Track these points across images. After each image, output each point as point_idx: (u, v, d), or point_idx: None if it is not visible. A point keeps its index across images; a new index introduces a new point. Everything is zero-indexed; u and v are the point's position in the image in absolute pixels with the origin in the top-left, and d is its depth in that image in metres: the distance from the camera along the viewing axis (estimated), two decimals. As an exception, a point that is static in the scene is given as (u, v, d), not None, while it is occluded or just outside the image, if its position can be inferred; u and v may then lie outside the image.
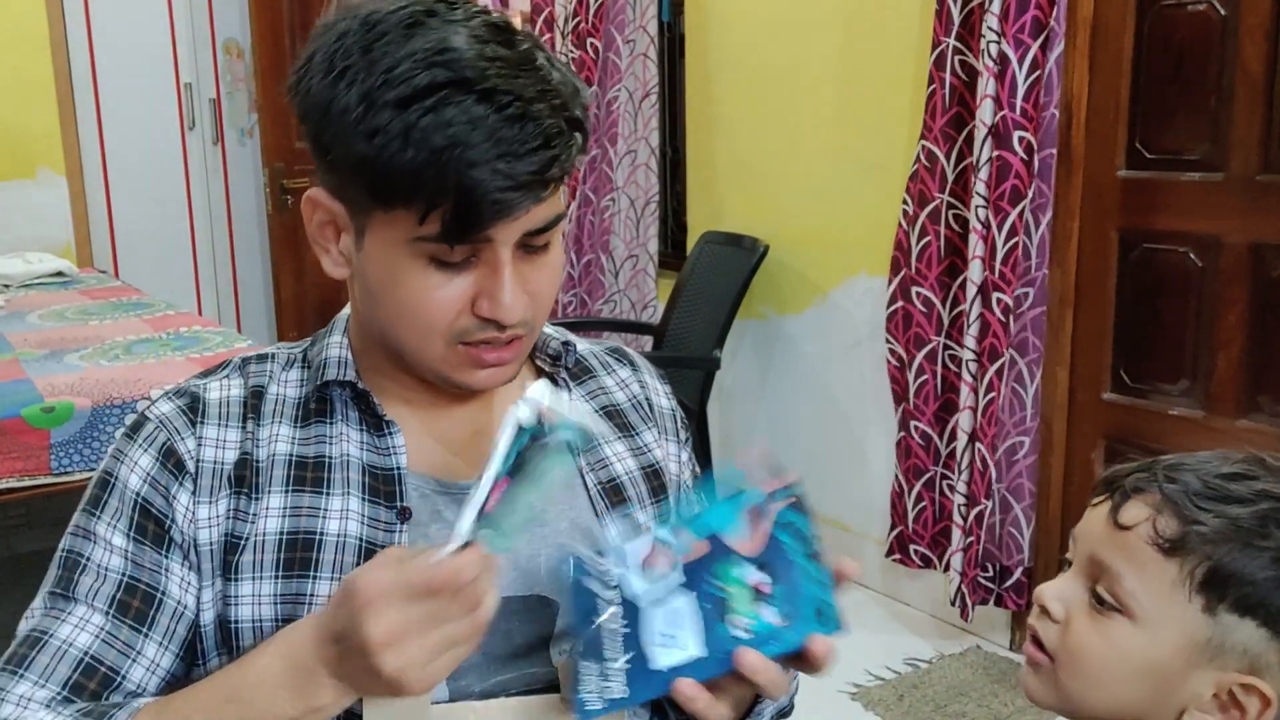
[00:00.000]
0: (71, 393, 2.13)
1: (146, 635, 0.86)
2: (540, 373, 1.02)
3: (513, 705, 0.87)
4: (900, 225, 2.73)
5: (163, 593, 0.87)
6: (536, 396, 0.75)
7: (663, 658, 0.76)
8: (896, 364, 2.79)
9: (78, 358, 2.43)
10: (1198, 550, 0.80)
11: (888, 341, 2.80)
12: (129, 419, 0.96)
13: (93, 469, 2.08)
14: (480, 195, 0.77)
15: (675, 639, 0.76)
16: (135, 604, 0.86)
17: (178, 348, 2.53)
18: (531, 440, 0.75)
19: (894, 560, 2.87)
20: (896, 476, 2.85)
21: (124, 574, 0.87)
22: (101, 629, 0.85)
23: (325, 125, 0.81)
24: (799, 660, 0.79)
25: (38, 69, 4.15)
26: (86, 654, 0.84)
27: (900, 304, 2.76)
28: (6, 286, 3.54)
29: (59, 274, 3.70)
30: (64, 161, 4.24)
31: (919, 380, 2.74)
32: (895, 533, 2.86)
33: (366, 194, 0.81)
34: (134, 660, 0.85)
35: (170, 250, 4.75)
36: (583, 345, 1.06)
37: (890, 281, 2.77)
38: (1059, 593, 0.87)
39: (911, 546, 2.82)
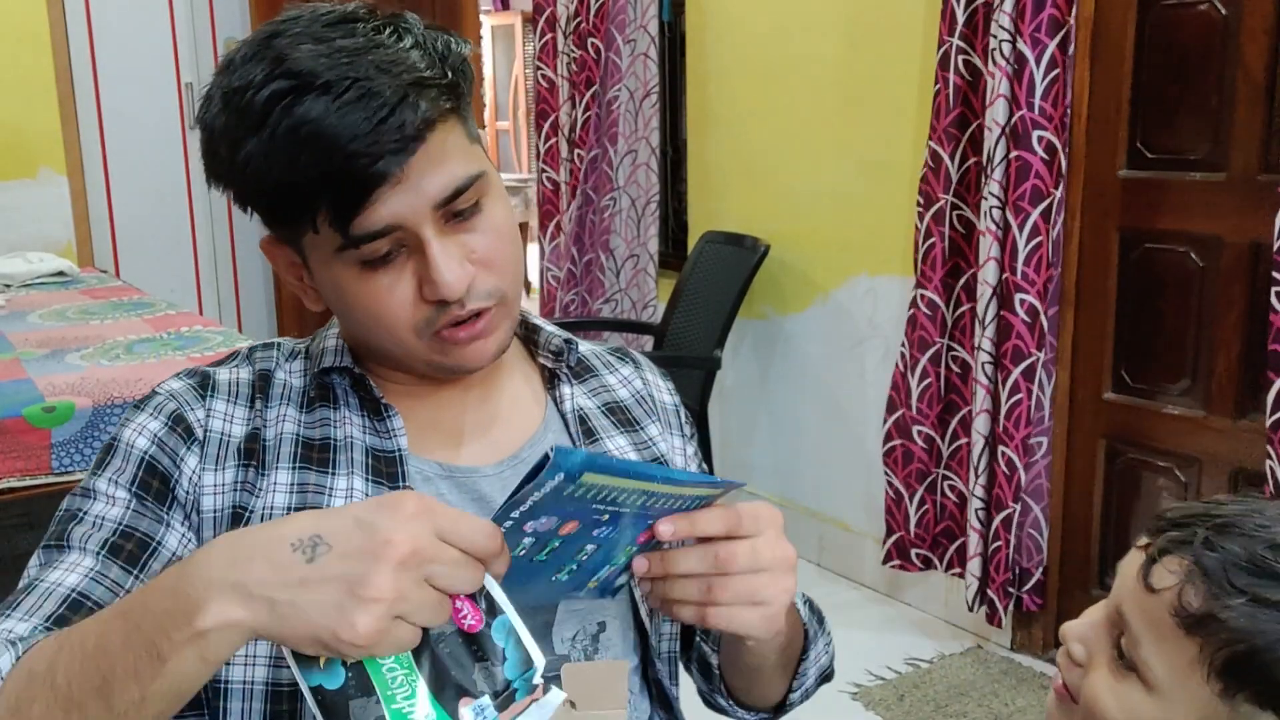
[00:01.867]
0: (72, 392, 2.13)
1: (137, 578, 0.84)
2: (543, 370, 1.02)
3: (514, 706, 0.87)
4: (916, 227, 2.70)
5: (159, 542, 0.86)
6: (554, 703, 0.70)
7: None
8: (902, 368, 2.75)
9: (79, 357, 2.43)
10: (1219, 634, 0.72)
11: (902, 345, 2.77)
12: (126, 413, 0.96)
13: (94, 468, 2.08)
14: (345, 181, 0.78)
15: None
16: (129, 547, 0.85)
17: (179, 347, 2.53)
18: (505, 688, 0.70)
19: (893, 566, 2.86)
20: (891, 483, 2.81)
21: (121, 522, 0.86)
22: (91, 569, 0.83)
23: (219, 178, 0.85)
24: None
25: (38, 68, 4.15)
26: (74, 590, 0.82)
27: (916, 308, 2.72)
28: (8, 286, 3.54)
29: (60, 273, 3.70)
30: (65, 161, 4.24)
31: (923, 384, 2.71)
32: (894, 539, 2.83)
33: (270, 223, 0.86)
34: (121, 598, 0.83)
35: (171, 250, 4.75)
36: (585, 346, 1.07)
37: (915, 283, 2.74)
38: (1082, 635, 0.81)
39: (913, 550, 2.81)
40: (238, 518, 0.87)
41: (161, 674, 0.65)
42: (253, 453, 0.89)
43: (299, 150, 0.78)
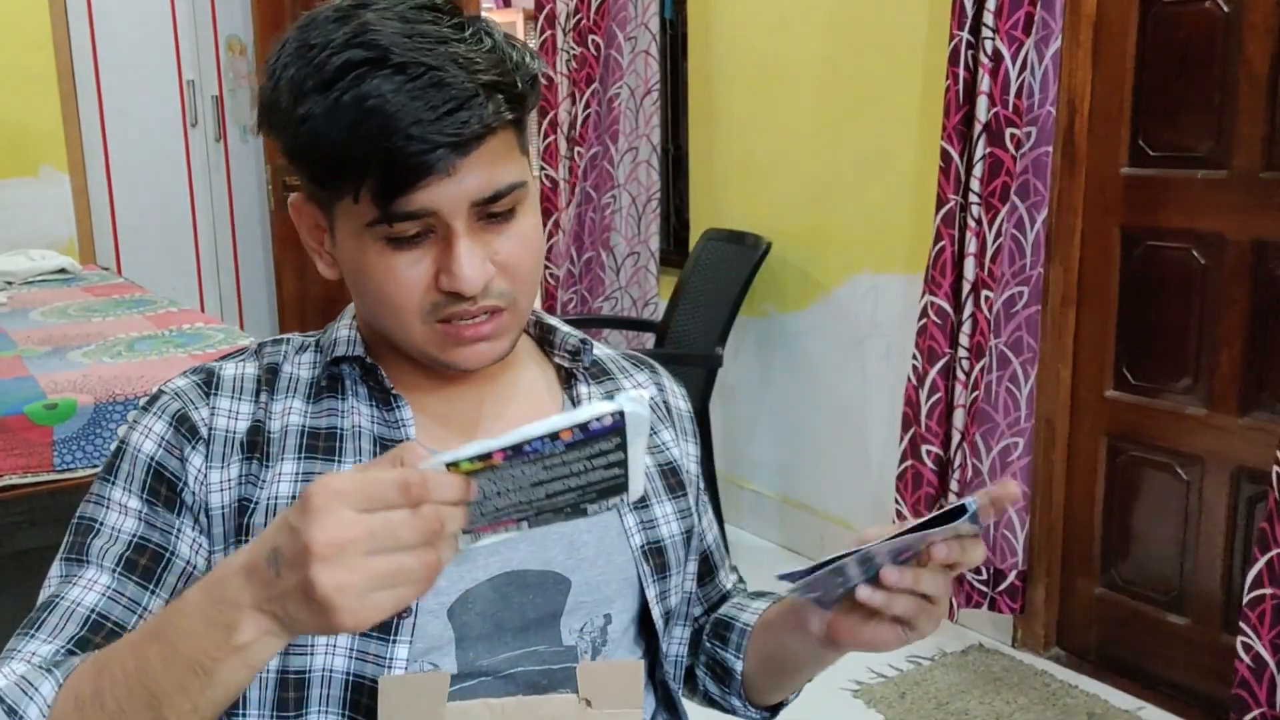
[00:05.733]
0: (74, 390, 2.13)
1: (153, 593, 0.86)
2: (559, 369, 1.02)
3: (530, 704, 0.87)
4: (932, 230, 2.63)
5: (172, 552, 0.87)
6: (642, 410, 0.68)
7: None
8: (915, 381, 2.64)
9: (80, 355, 2.43)
10: None
11: (913, 357, 2.67)
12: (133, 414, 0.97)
13: (95, 466, 2.08)
14: (398, 162, 0.79)
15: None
16: (143, 562, 0.87)
17: (180, 345, 2.53)
18: (608, 434, 0.67)
19: None
20: (900, 511, 2.69)
21: (135, 534, 0.88)
22: (108, 587, 0.85)
23: (274, 126, 0.85)
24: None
25: (40, 66, 4.15)
26: (93, 611, 0.84)
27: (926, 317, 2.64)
28: (9, 283, 3.54)
29: (62, 271, 3.70)
30: (67, 158, 4.24)
31: (932, 398, 2.60)
32: None
33: (310, 182, 0.86)
34: (140, 616, 0.85)
35: (173, 247, 4.75)
36: (601, 349, 1.08)
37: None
38: None
39: None
40: (243, 509, 0.88)
41: (210, 685, 0.70)
42: (255, 445, 0.90)
43: (361, 121, 0.79)
